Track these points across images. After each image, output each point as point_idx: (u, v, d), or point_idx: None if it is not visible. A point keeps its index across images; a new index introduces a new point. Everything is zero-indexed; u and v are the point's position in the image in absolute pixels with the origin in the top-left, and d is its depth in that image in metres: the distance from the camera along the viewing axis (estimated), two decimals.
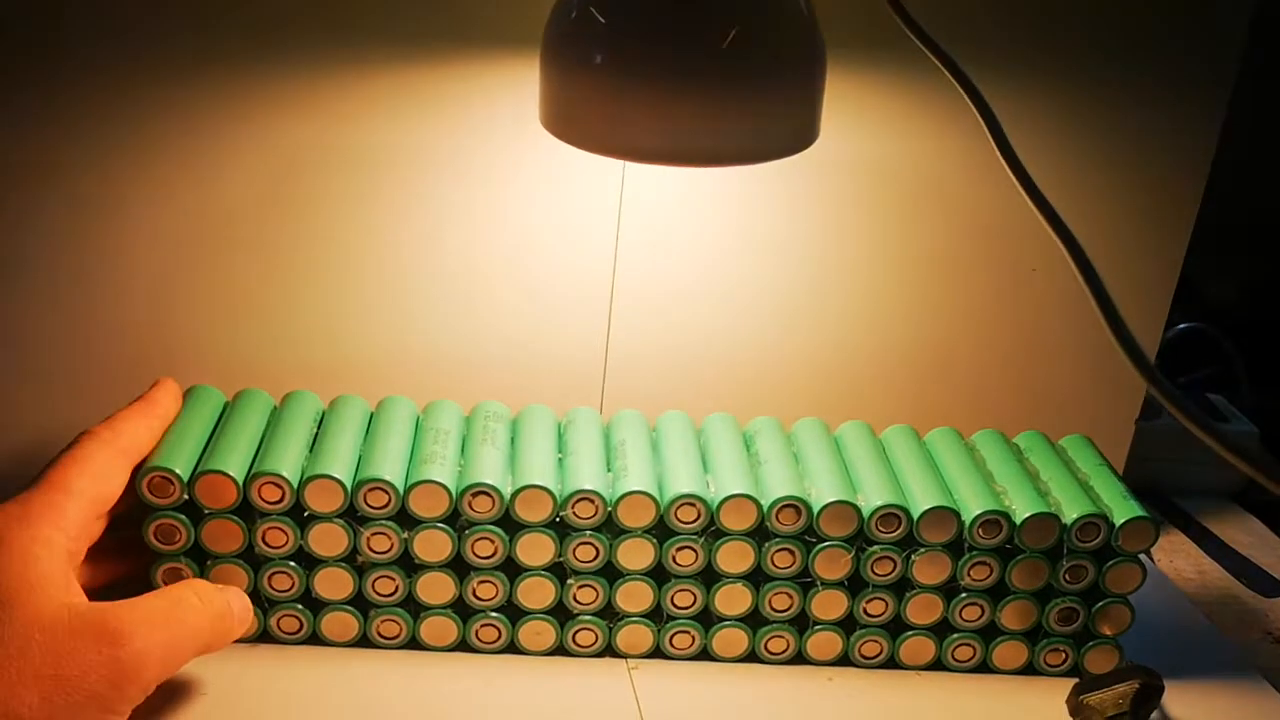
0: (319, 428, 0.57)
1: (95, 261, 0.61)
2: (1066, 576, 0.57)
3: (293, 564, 0.54)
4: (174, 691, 0.52)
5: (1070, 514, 0.56)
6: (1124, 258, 0.66)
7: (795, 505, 0.55)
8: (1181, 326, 0.94)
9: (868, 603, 0.57)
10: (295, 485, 0.53)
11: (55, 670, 0.43)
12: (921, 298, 0.67)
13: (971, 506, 0.56)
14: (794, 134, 0.49)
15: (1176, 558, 0.76)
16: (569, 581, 0.56)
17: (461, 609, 0.56)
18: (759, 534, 0.55)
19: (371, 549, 0.54)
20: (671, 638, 0.57)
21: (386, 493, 0.53)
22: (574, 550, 0.55)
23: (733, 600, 0.57)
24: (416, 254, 0.63)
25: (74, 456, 0.50)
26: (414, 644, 0.56)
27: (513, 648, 0.57)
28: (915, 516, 0.55)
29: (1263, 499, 0.83)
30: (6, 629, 0.43)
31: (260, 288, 0.63)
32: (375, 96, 0.59)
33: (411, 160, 0.61)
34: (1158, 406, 0.83)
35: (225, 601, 0.51)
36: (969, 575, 0.56)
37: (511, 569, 0.55)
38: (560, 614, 0.57)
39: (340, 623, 0.56)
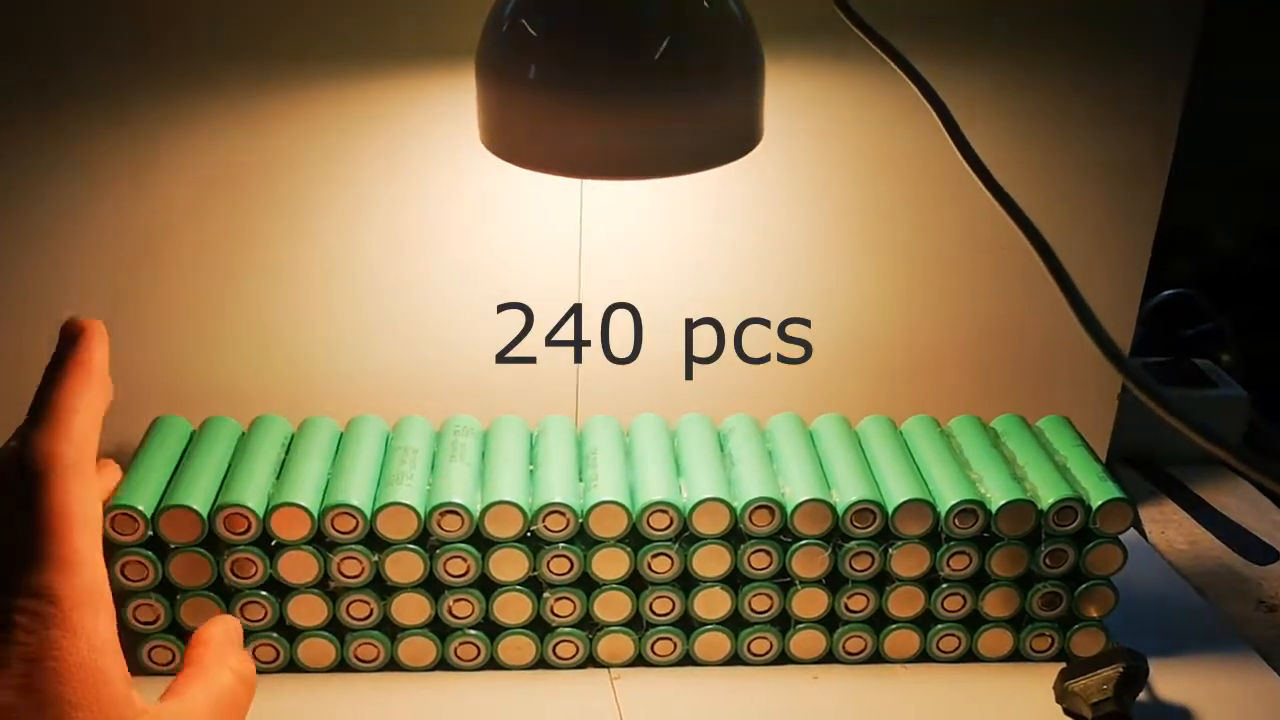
0: (286, 453, 0.57)
1: (50, 288, 0.60)
2: (1047, 561, 0.56)
3: (264, 593, 0.54)
4: None
5: (1046, 499, 0.55)
6: (1095, 232, 0.65)
7: (769, 506, 0.54)
8: (1167, 293, 0.94)
9: (849, 599, 0.57)
10: (261, 515, 0.52)
11: None
12: (898, 284, 0.66)
13: (947, 496, 0.55)
14: (735, 140, 0.48)
15: (1169, 529, 0.76)
16: (545, 595, 0.55)
17: (439, 628, 0.56)
18: (734, 536, 0.55)
19: (343, 574, 0.54)
20: (653, 645, 0.57)
21: (354, 517, 0.53)
22: (548, 563, 0.55)
23: (712, 604, 0.56)
24: (379, 271, 0.62)
25: (59, 510, 0.40)
26: (393, 665, 0.56)
27: (493, 664, 0.57)
28: (890, 510, 0.55)
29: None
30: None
31: (226, 312, 0.62)
32: (328, 118, 0.58)
33: (366, 180, 0.60)
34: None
35: (250, 662, 0.48)
36: (949, 565, 0.56)
37: (486, 585, 0.55)
38: (539, 628, 0.56)
39: (317, 649, 0.55)
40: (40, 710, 0.38)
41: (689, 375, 0.67)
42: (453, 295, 0.63)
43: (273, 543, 0.53)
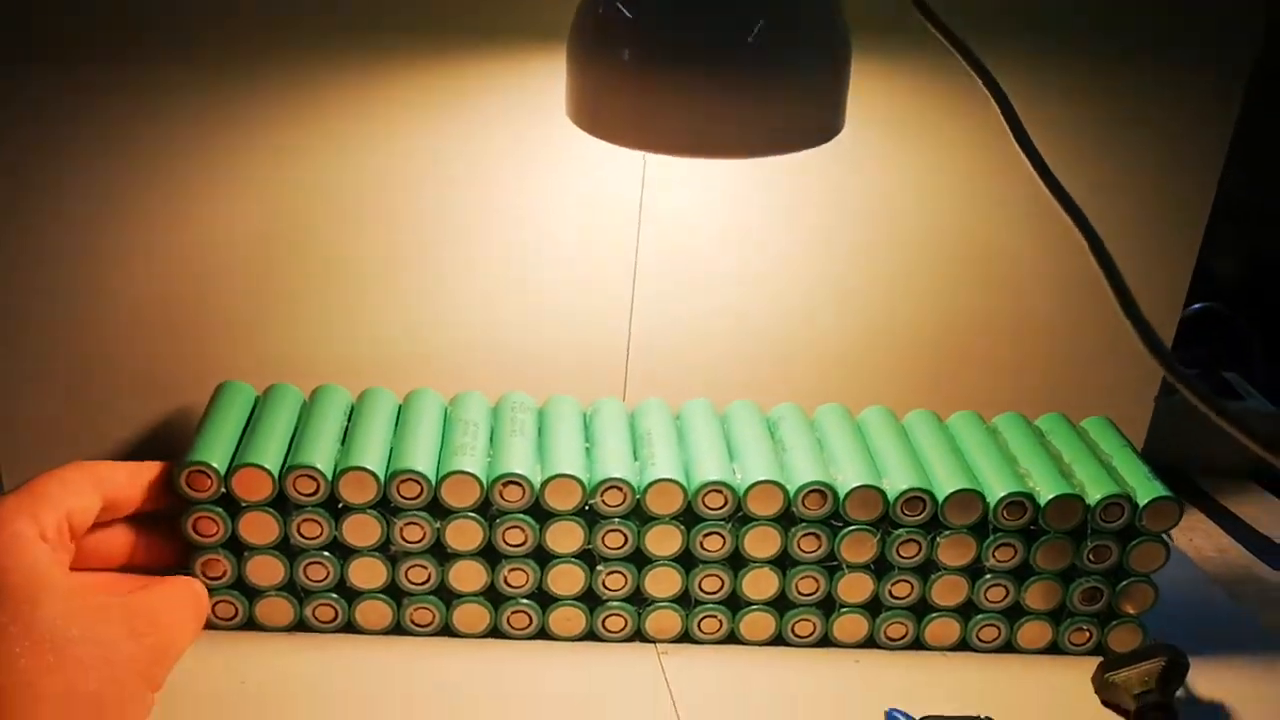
0: (350, 421, 0.58)
1: (126, 261, 0.62)
2: (1090, 557, 0.57)
3: (327, 554, 0.55)
4: (214, 681, 0.53)
5: (1094, 495, 0.56)
6: (1140, 242, 0.67)
7: (821, 490, 0.56)
8: (1196, 306, 0.95)
9: (893, 585, 0.58)
10: (330, 478, 0.54)
11: (107, 658, 0.44)
12: (942, 283, 0.67)
13: (996, 489, 0.56)
14: (819, 126, 0.49)
15: (1196, 536, 0.77)
16: (598, 568, 0.57)
17: (493, 596, 0.57)
18: (785, 519, 0.56)
19: (404, 539, 0.55)
20: (700, 622, 0.58)
21: (419, 484, 0.54)
22: (603, 537, 0.56)
23: (760, 585, 0.57)
24: (441, 249, 0.63)
25: (48, 473, 0.51)
26: (447, 631, 0.57)
27: (544, 633, 0.58)
28: (940, 500, 0.56)
29: (1278, 476, 0.84)
30: (39, 626, 0.44)
31: (289, 285, 0.63)
32: (403, 95, 0.59)
33: (436, 155, 0.61)
34: (1173, 387, 0.84)
35: (199, 587, 0.54)
36: (994, 557, 0.57)
37: (542, 556, 0.56)
38: (590, 600, 0.57)
39: (375, 611, 0.57)
40: None
41: (734, 365, 0.68)
42: (507, 274, 0.64)
43: (339, 505, 0.54)
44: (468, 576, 0.56)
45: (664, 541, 0.56)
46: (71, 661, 0.43)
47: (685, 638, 0.59)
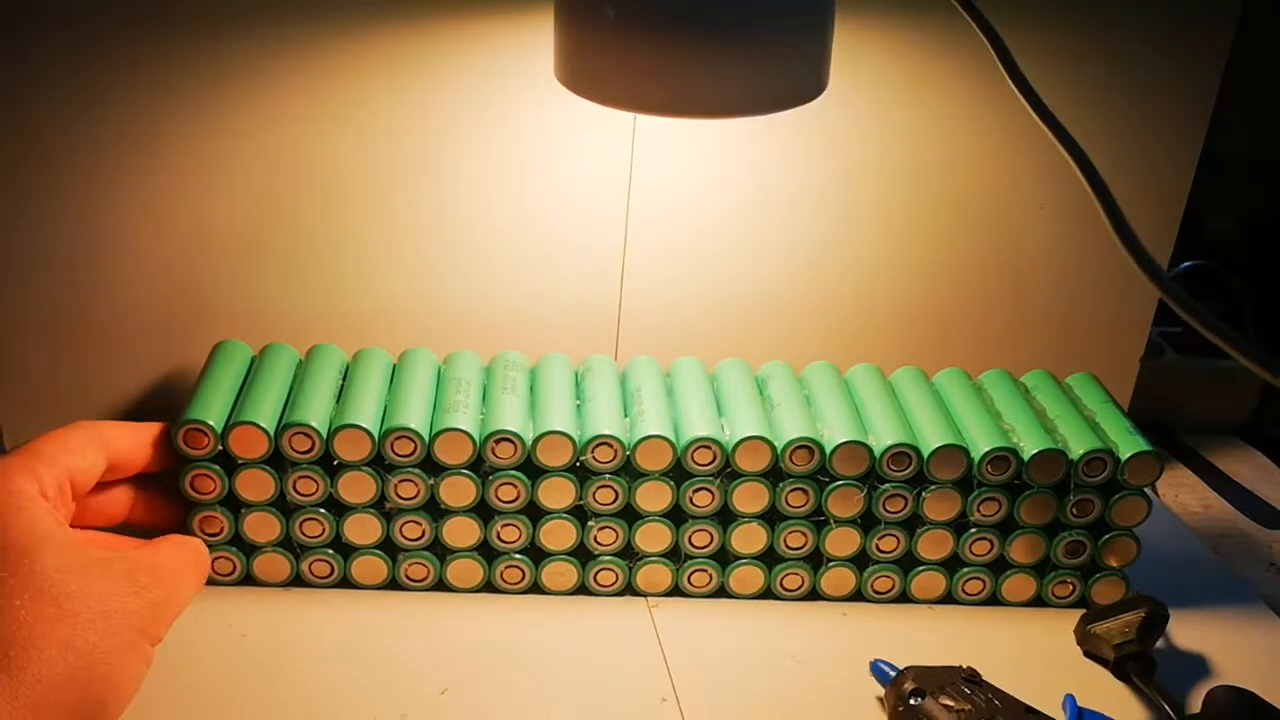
0: (344, 380, 0.59)
1: (126, 222, 0.62)
2: (1074, 510, 0.58)
3: (323, 511, 0.56)
4: (214, 635, 0.54)
5: (1077, 449, 0.57)
6: (1128, 192, 0.67)
7: (808, 446, 0.56)
8: (1186, 264, 0.95)
9: (880, 539, 0.59)
10: (324, 435, 0.54)
11: (107, 611, 0.45)
12: (928, 242, 0.68)
13: (980, 444, 0.57)
14: (804, 84, 0.50)
15: (1181, 492, 0.78)
16: (589, 524, 0.58)
17: (486, 551, 0.58)
18: (773, 474, 0.57)
19: (399, 495, 0.56)
20: (690, 576, 0.59)
21: (413, 441, 0.55)
22: (594, 493, 0.57)
23: (749, 539, 0.58)
24: (432, 209, 0.64)
25: (50, 433, 0.51)
26: (441, 586, 0.58)
27: (536, 588, 0.59)
28: (926, 455, 0.57)
29: (1265, 433, 0.85)
30: (39, 578, 0.44)
31: (282, 246, 0.64)
32: (396, 58, 0.60)
33: (425, 116, 0.62)
34: (1160, 345, 0.85)
35: (201, 545, 0.54)
36: (978, 511, 0.58)
37: (534, 512, 0.57)
38: (582, 555, 0.58)
39: (370, 566, 0.58)
40: None
41: (724, 324, 0.69)
42: (499, 235, 0.65)
43: (334, 463, 0.55)
44: (461, 532, 0.57)
45: (654, 497, 0.57)
46: (71, 615, 0.44)
47: (676, 592, 0.60)
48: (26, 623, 0.43)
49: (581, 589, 0.59)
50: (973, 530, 0.59)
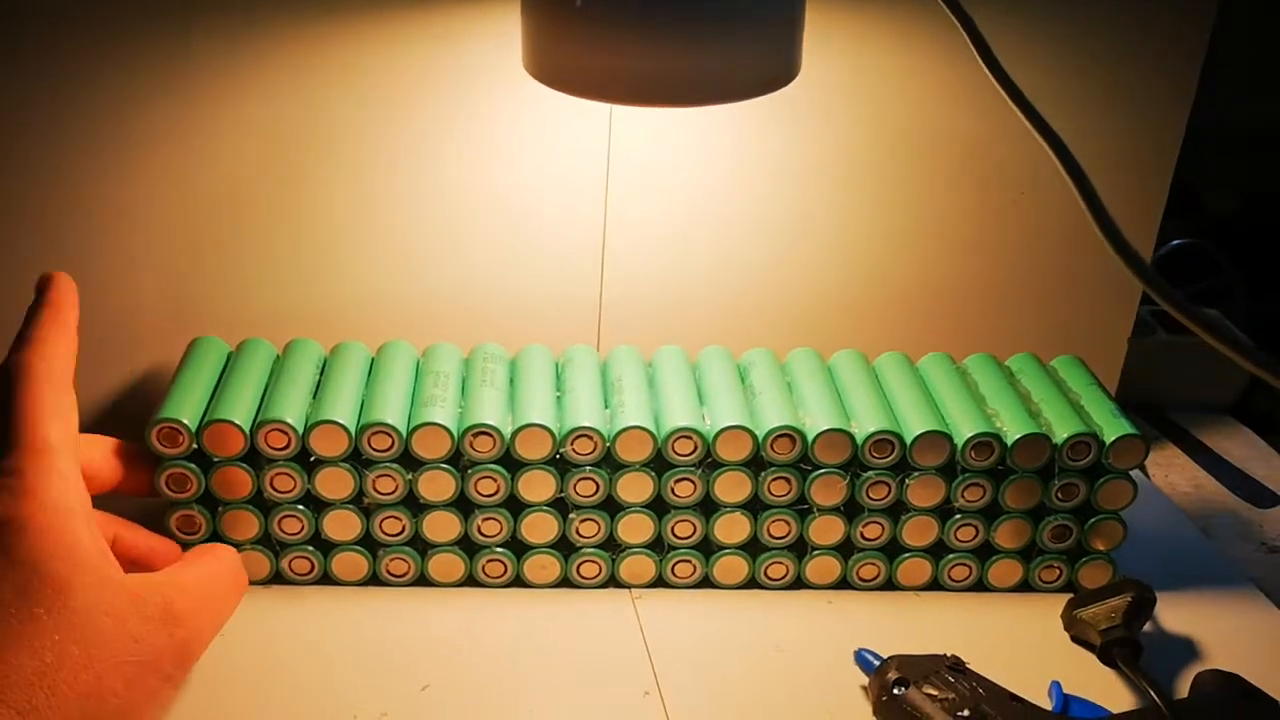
0: (321, 374, 0.58)
1: (101, 220, 0.62)
2: (1059, 495, 0.58)
3: (301, 507, 0.56)
4: None
5: (1061, 433, 0.57)
6: (1113, 172, 0.66)
7: (790, 434, 0.56)
8: (1176, 242, 0.95)
9: (864, 527, 0.58)
10: (301, 431, 0.54)
11: (135, 656, 0.43)
12: (912, 226, 0.67)
13: (963, 429, 0.57)
14: (775, 70, 0.49)
15: (1172, 472, 0.78)
16: (571, 516, 0.57)
17: (467, 546, 0.58)
18: (755, 464, 0.57)
19: (377, 491, 0.55)
20: (673, 567, 0.59)
21: (390, 436, 0.54)
22: (575, 486, 0.56)
23: (732, 529, 0.58)
24: (413, 202, 0.63)
25: (30, 405, 0.46)
26: (423, 581, 0.58)
27: (519, 581, 0.58)
28: (908, 441, 0.56)
29: (1257, 412, 0.84)
30: (73, 616, 0.42)
31: (262, 239, 0.63)
32: (372, 47, 0.59)
33: (400, 107, 0.61)
34: (1150, 324, 0.84)
35: (239, 560, 0.52)
36: (963, 497, 0.58)
37: (514, 505, 0.57)
38: (564, 548, 0.58)
39: (350, 563, 0.57)
40: (15, 568, 0.43)
41: (706, 312, 0.68)
42: (478, 226, 0.64)
43: (311, 459, 0.55)
44: (441, 527, 0.57)
45: (635, 488, 0.57)
46: (97, 661, 0.42)
47: (659, 583, 0.59)
48: (52, 668, 0.41)
49: (564, 581, 0.59)
50: (958, 516, 0.58)
